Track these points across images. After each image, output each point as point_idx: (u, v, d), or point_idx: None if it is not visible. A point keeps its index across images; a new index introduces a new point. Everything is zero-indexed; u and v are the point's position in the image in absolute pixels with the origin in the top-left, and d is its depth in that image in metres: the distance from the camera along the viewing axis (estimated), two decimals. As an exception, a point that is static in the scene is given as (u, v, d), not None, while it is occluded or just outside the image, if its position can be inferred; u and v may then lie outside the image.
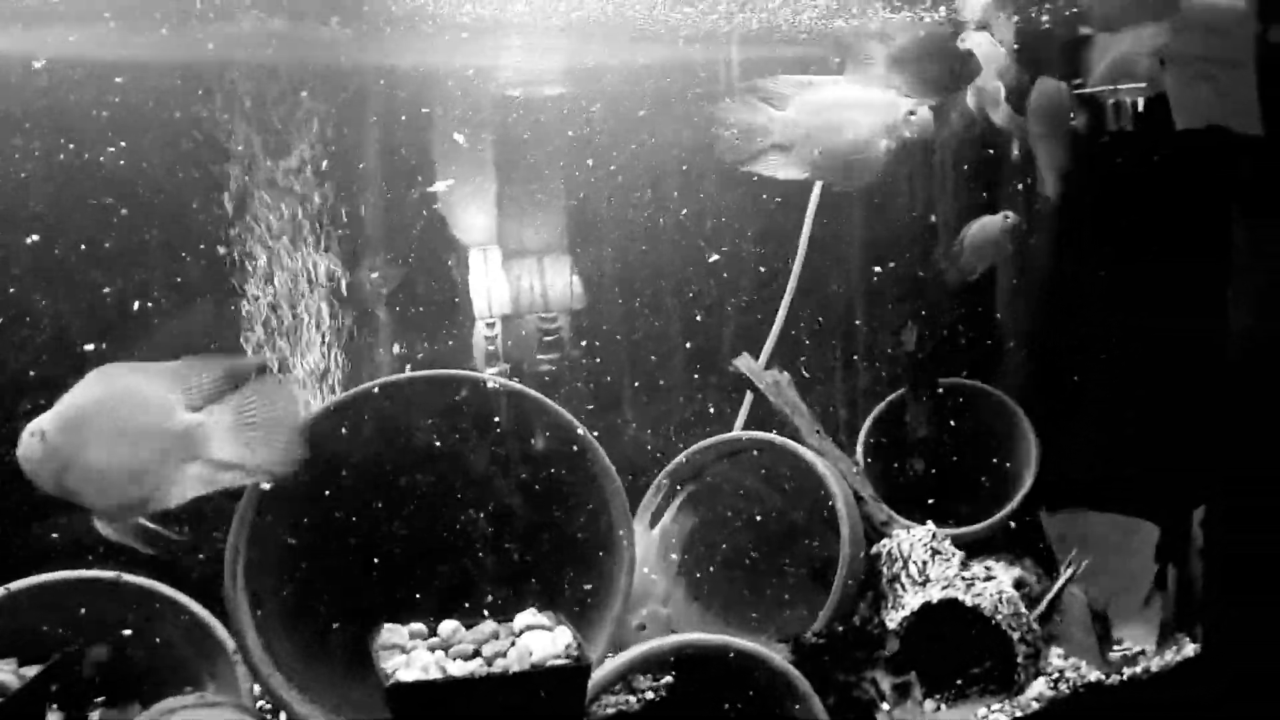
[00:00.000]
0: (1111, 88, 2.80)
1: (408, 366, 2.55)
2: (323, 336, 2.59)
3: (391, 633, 2.08)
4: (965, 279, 2.92)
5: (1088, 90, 2.83)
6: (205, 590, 2.22)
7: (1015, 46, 2.73)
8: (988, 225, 2.88)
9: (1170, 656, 2.65)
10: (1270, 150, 2.41)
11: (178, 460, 1.89)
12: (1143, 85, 2.63)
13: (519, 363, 3.00)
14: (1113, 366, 2.99)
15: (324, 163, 2.55)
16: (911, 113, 2.31)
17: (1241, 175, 2.54)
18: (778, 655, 2.22)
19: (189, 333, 2.53)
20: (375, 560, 2.38)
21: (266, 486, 2.15)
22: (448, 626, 2.10)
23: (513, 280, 3.00)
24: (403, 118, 2.71)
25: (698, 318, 3.05)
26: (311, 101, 2.51)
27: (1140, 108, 2.71)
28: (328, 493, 2.32)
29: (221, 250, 2.47)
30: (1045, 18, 2.66)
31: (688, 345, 3.06)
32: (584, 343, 3.04)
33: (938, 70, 2.40)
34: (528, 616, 2.14)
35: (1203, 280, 2.64)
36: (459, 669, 1.98)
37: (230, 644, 2.16)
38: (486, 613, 2.19)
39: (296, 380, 2.52)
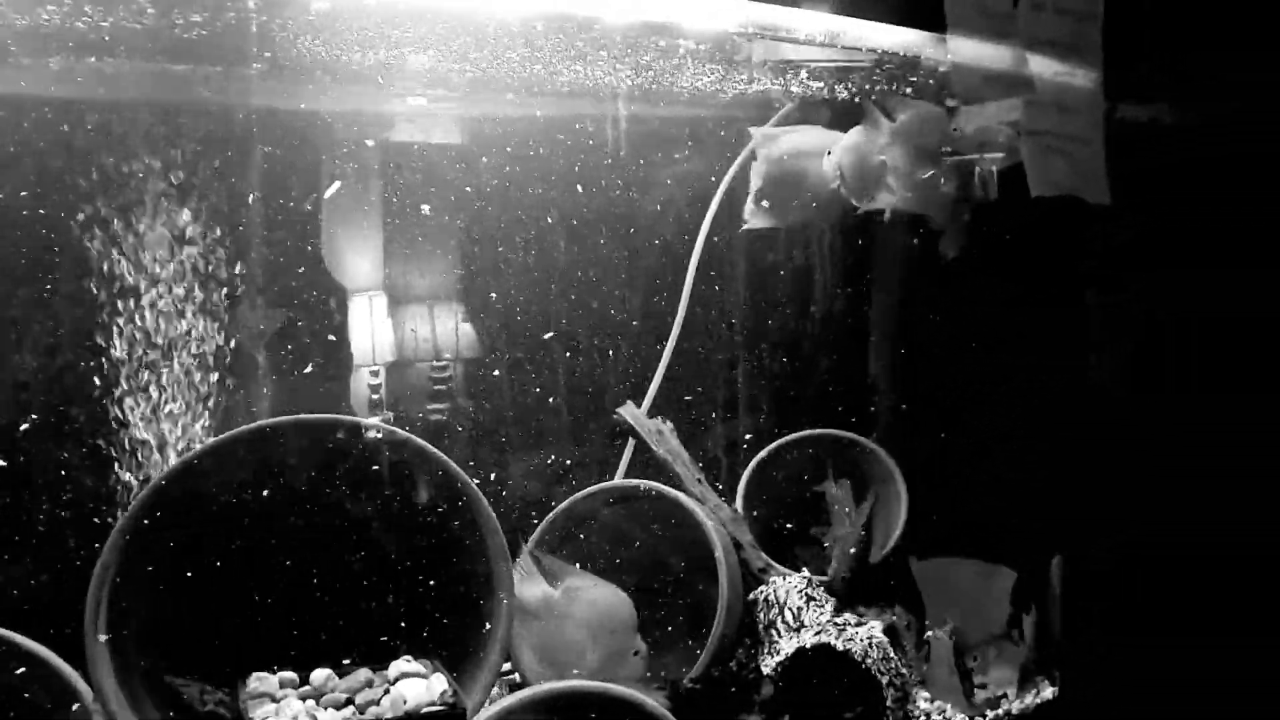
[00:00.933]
0: (976, 156, 2.97)
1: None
2: (196, 383, 2.55)
3: (261, 681, 2.04)
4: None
5: (955, 158, 2.99)
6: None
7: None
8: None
9: (1030, 699, 2.76)
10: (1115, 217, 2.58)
11: None
12: (1001, 155, 2.79)
13: (406, 411, 2.99)
14: (978, 419, 3.13)
15: (202, 205, 2.53)
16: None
17: (1093, 243, 2.71)
18: (653, 700, 2.24)
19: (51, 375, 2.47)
20: (245, 608, 2.33)
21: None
22: (320, 675, 2.07)
23: (398, 327, 2.99)
24: (286, 161, 2.70)
25: (580, 366, 3.09)
26: (190, 142, 2.49)
27: (998, 176, 2.88)
28: (197, 540, 2.26)
29: (90, 289, 2.42)
30: (908, 90, 2.81)
31: (573, 393, 3.10)
32: (472, 391, 3.04)
33: (933, 143, 2.53)
34: (402, 664, 2.12)
35: (1063, 338, 2.80)
36: (330, 718, 1.95)
37: (88, 694, 2.08)
38: (360, 661, 2.16)
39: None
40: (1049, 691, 2.78)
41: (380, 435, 2.35)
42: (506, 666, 2.61)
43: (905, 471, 3.10)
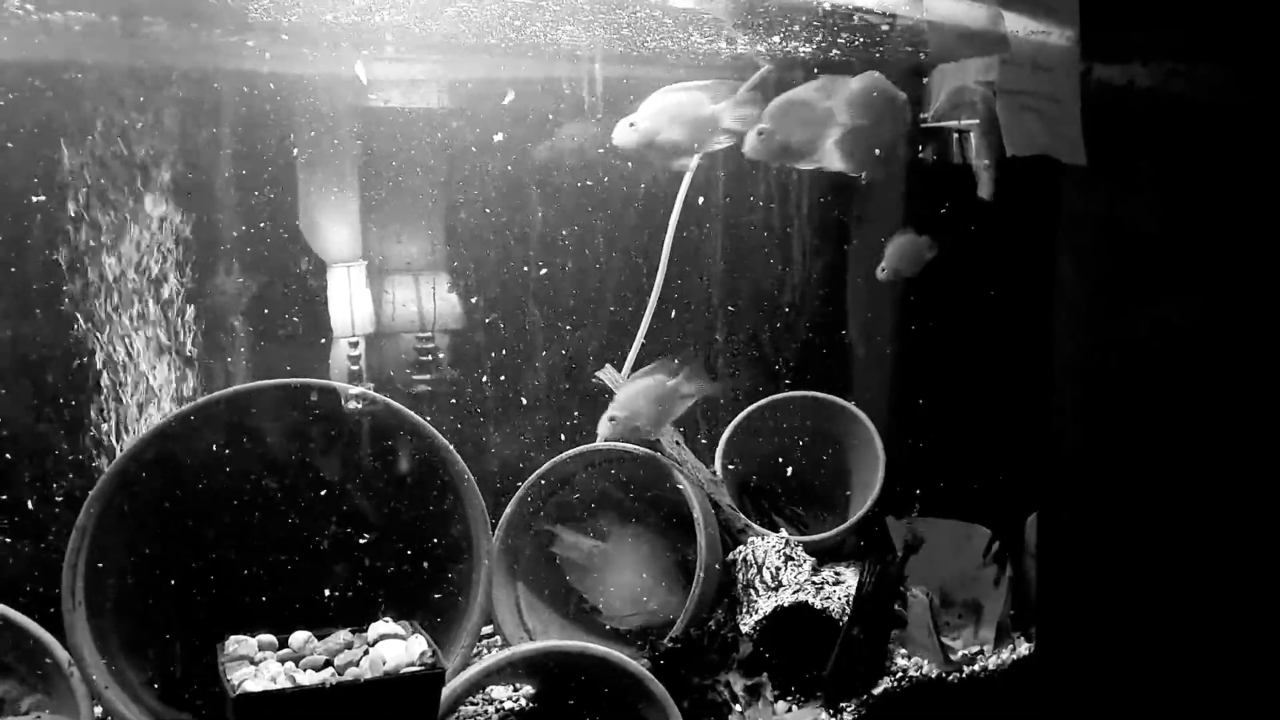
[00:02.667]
0: (954, 122, 2.96)
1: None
2: (173, 348, 2.53)
3: (239, 644, 2.04)
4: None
5: (931, 123, 2.99)
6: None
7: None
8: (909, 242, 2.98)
9: (1006, 655, 2.80)
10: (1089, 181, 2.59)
11: None
12: (977, 120, 2.78)
13: (389, 382, 2.98)
14: (954, 379, 3.15)
15: (175, 169, 2.51)
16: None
17: (1065, 204, 2.72)
18: (633, 660, 2.26)
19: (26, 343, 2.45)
20: (224, 571, 2.33)
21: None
22: (299, 637, 2.07)
23: (378, 297, 2.98)
24: (260, 125, 2.67)
25: (562, 329, 3.09)
26: (162, 105, 2.46)
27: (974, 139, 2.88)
28: (174, 503, 2.26)
29: (66, 257, 2.40)
30: (878, 52, 2.79)
31: (553, 358, 3.10)
32: (455, 361, 3.03)
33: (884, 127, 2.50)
34: (381, 626, 2.13)
35: (1035, 295, 2.82)
36: (309, 679, 1.96)
37: (66, 660, 2.08)
38: (339, 623, 2.17)
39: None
40: (1025, 648, 2.82)
41: (358, 399, 2.34)
42: (488, 629, 2.64)
43: (883, 432, 3.12)
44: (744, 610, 2.59)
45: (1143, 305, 2.61)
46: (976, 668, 2.73)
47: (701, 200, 3.14)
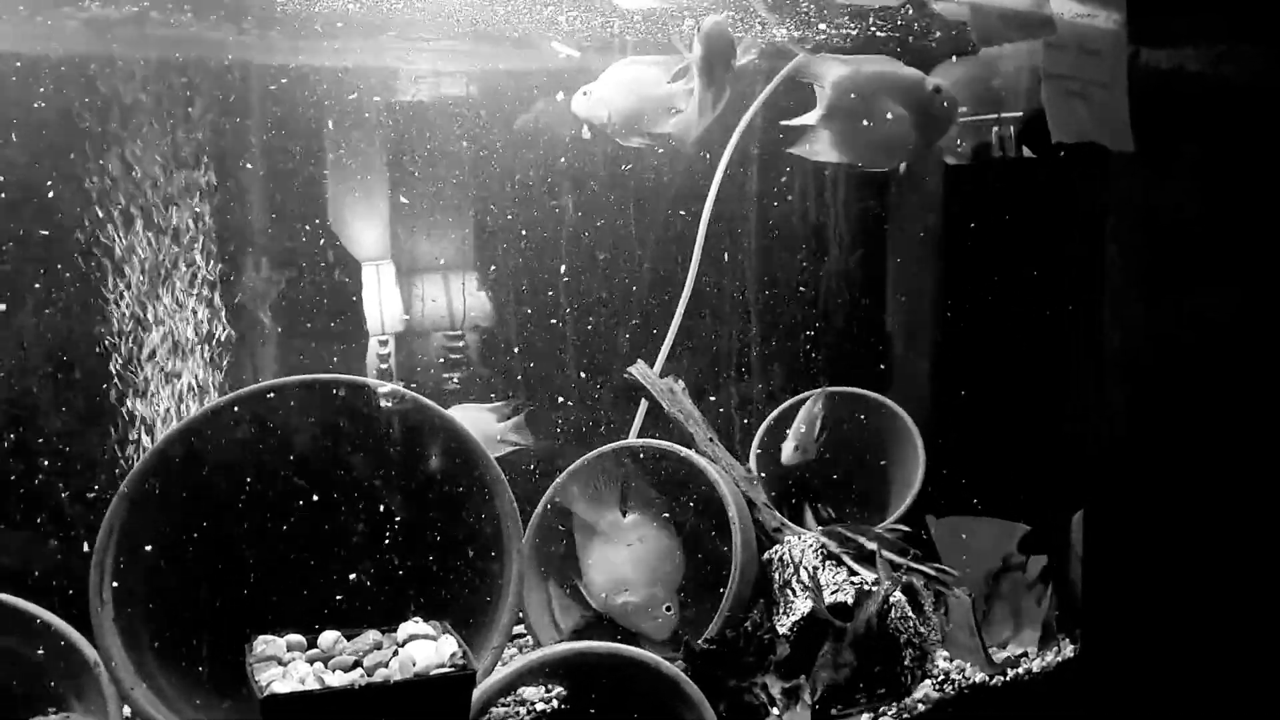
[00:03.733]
0: (995, 115, 2.89)
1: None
2: (204, 344, 2.52)
3: (268, 644, 2.01)
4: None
5: (970, 117, 2.91)
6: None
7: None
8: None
9: (1051, 658, 2.72)
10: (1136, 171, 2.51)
11: None
12: (1019, 114, 2.71)
13: (420, 381, 2.95)
14: (996, 376, 3.08)
15: (206, 165, 2.49)
16: None
17: (1114, 195, 2.64)
18: (668, 662, 2.21)
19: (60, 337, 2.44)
20: (252, 570, 2.30)
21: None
22: (328, 637, 2.04)
23: (408, 296, 2.95)
24: (289, 120, 2.65)
25: (594, 326, 3.05)
26: (192, 100, 2.44)
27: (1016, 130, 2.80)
28: (201, 501, 2.24)
29: (99, 251, 2.39)
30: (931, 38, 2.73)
31: (584, 354, 3.06)
32: (486, 358, 3.00)
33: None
34: (411, 626, 2.09)
35: (1081, 293, 2.74)
36: (338, 680, 1.92)
37: (94, 659, 2.06)
38: (369, 623, 2.13)
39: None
40: (1070, 650, 2.75)
41: (388, 397, 2.31)
42: (519, 629, 2.60)
43: (923, 429, 3.05)
44: (781, 611, 2.53)
45: (1184, 296, 2.54)
46: (1020, 670, 2.66)
47: (735, 194, 3.09)
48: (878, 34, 2.74)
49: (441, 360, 3.01)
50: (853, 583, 2.53)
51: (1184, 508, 2.55)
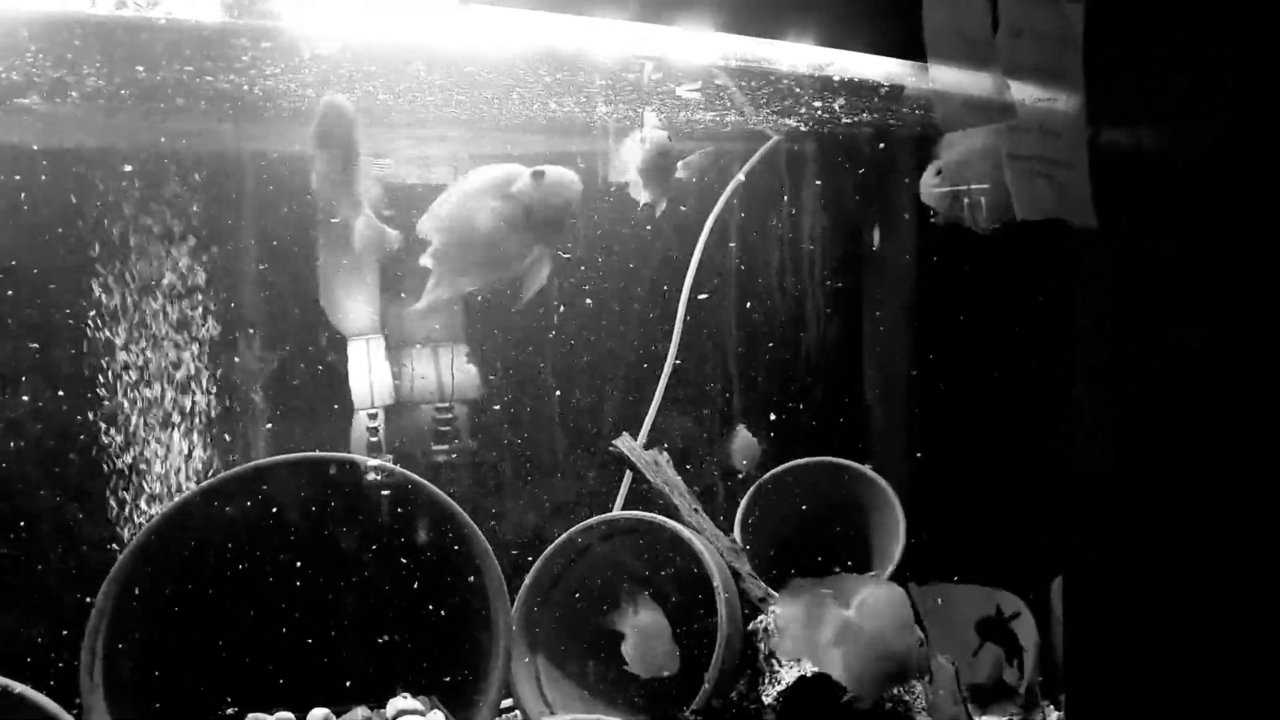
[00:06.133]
0: (964, 186, 2.99)
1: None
2: (193, 423, 2.56)
3: (258, 724, 2.03)
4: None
5: (941, 189, 3.01)
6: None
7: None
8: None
9: (1036, 724, 2.75)
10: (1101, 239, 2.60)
11: None
12: (987, 185, 2.81)
13: (410, 454, 2.99)
14: (973, 443, 3.13)
15: (198, 247, 2.55)
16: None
17: (1082, 267, 2.73)
18: (654, 734, 2.23)
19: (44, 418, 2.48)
20: (243, 649, 2.32)
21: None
22: (317, 715, 2.06)
23: (396, 369, 3.01)
24: (280, 203, 2.72)
25: (579, 401, 3.10)
26: (184, 185, 2.52)
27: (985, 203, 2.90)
28: (193, 582, 2.26)
29: (89, 331, 2.43)
30: (891, 121, 2.83)
31: (572, 428, 3.11)
32: (475, 432, 3.05)
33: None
34: (400, 702, 2.11)
35: (1052, 360, 2.81)
36: (327, 758, 1.94)
37: (84, 740, 2.07)
38: (358, 699, 2.15)
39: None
40: (1054, 716, 2.76)
41: (376, 472, 2.35)
42: (507, 702, 2.61)
43: (902, 497, 3.10)
44: (767, 681, 2.55)
45: (1159, 358, 2.61)
46: (1005, 737, 2.68)
47: (718, 263, 3.17)
48: (844, 119, 2.85)
49: (431, 432, 3.05)
50: (836, 651, 2.56)
51: (1167, 572, 2.58)
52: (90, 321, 2.47)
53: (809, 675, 2.49)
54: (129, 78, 2.10)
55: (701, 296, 3.10)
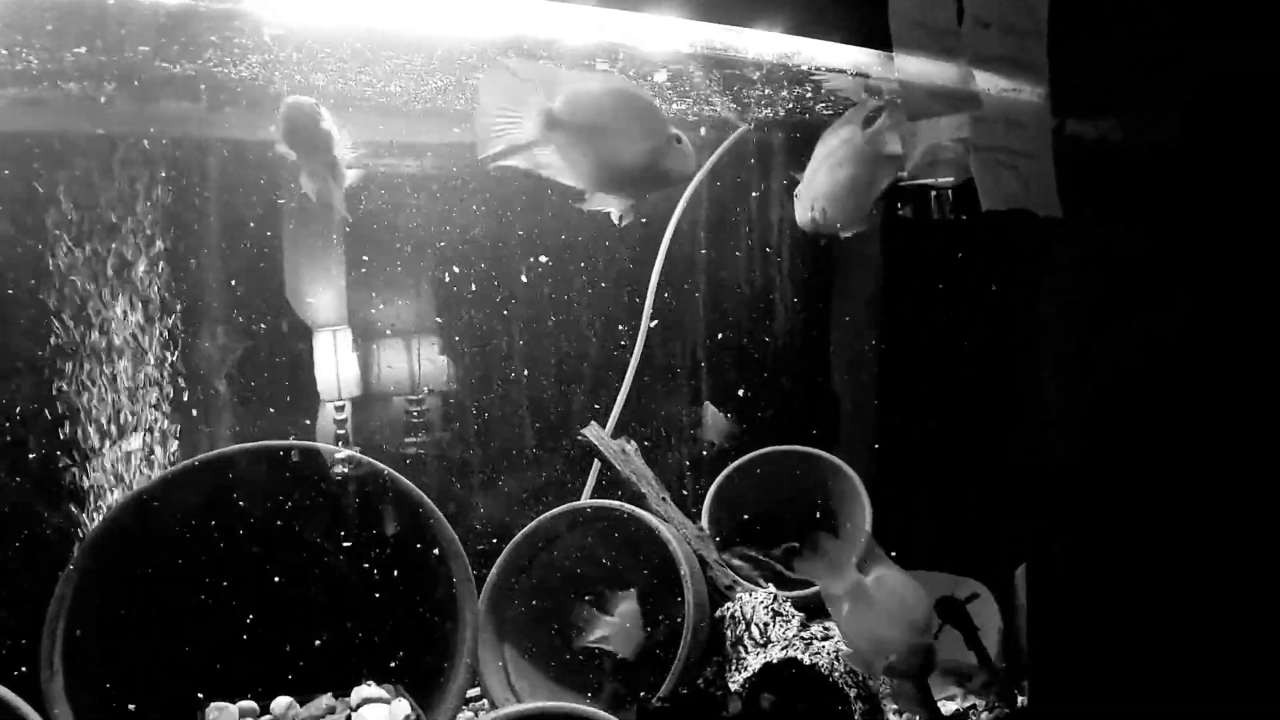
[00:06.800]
0: (930, 180, 3.01)
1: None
2: (157, 413, 2.54)
3: (220, 712, 2.02)
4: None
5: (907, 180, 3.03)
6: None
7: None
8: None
9: (998, 710, 2.76)
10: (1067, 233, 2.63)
11: None
12: (951, 178, 2.83)
13: (377, 445, 2.98)
14: (940, 433, 3.16)
15: (161, 236, 2.53)
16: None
17: (1049, 257, 2.76)
18: (621, 720, 2.24)
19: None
20: (205, 637, 2.30)
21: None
22: (280, 703, 2.05)
23: (365, 361, 2.99)
24: (244, 191, 2.70)
25: (549, 390, 3.10)
26: (147, 173, 2.49)
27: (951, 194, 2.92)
28: (153, 571, 2.24)
29: (52, 321, 2.40)
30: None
31: (541, 418, 3.10)
32: (446, 423, 3.04)
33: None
34: (365, 690, 2.10)
35: (1018, 349, 2.84)
36: (290, 746, 1.93)
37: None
38: (322, 688, 2.14)
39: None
40: (1019, 700, 2.79)
41: (343, 463, 2.34)
42: (474, 691, 2.60)
43: (869, 484, 3.12)
44: (733, 667, 2.56)
45: (1126, 346, 2.64)
46: (969, 723, 2.70)
47: (684, 259, 3.18)
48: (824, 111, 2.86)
49: (402, 424, 3.04)
50: (803, 638, 2.58)
51: (1130, 558, 2.61)
52: (49, 309, 2.43)
53: (774, 662, 2.50)
54: (82, 59, 2.08)
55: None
